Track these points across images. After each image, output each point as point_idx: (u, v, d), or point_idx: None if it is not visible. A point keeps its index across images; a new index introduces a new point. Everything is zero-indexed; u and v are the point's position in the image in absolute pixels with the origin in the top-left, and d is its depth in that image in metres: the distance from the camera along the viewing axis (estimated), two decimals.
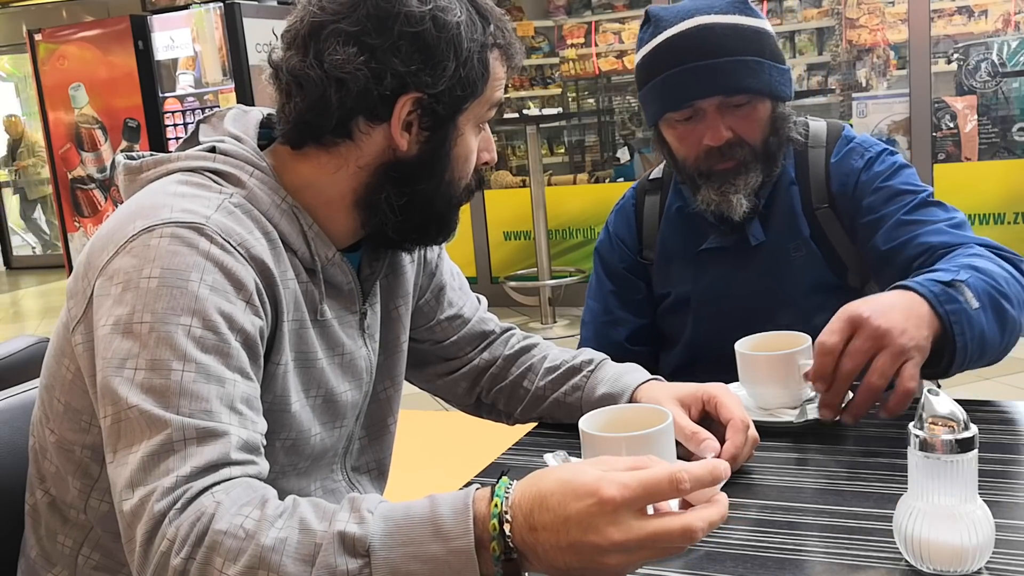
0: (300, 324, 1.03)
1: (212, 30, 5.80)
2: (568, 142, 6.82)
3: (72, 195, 6.59)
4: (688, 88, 1.42)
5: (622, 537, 0.72)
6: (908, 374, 1.09)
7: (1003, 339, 1.22)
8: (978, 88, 5.06)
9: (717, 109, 1.42)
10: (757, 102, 1.44)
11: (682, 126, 1.46)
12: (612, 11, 6.43)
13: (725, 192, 1.44)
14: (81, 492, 1.01)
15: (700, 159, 1.46)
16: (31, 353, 1.29)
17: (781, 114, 1.47)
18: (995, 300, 1.20)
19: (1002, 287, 1.22)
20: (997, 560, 0.84)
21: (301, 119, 1.01)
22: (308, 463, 1.09)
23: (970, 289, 1.17)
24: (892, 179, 1.46)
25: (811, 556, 0.89)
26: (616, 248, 1.65)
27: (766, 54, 1.43)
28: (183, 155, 1.02)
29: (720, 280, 1.54)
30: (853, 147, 1.51)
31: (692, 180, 1.49)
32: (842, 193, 1.49)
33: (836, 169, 1.51)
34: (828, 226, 1.50)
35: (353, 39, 0.97)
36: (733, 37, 1.41)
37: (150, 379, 0.84)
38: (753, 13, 1.45)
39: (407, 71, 0.98)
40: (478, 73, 1.02)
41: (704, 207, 1.48)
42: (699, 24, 1.41)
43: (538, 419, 1.32)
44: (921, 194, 1.43)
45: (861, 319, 1.11)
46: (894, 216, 1.41)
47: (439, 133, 1.03)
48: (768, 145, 1.46)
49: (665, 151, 1.53)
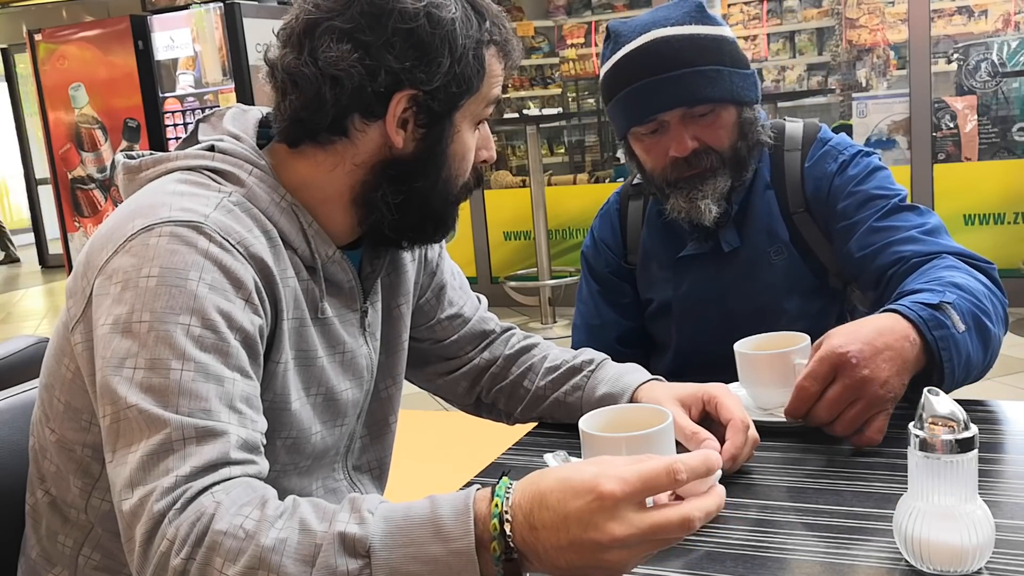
0: (300, 322, 1.03)
1: (212, 30, 5.80)
2: (568, 142, 6.82)
3: (72, 195, 6.59)
4: (650, 102, 1.42)
5: (623, 532, 0.72)
6: (876, 427, 1.10)
7: (985, 358, 1.22)
8: (978, 88, 5.06)
9: (680, 120, 1.43)
10: (720, 110, 1.43)
11: (648, 139, 1.47)
12: (612, 11, 6.43)
13: (693, 199, 1.44)
14: (82, 492, 1.01)
15: (667, 169, 1.46)
16: (31, 353, 1.29)
17: (748, 119, 1.46)
18: (978, 319, 1.20)
19: (983, 304, 1.22)
20: (997, 560, 0.84)
21: (297, 117, 1.01)
22: (309, 462, 1.09)
23: (956, 311, 1.17)
24: (865, 183, 1.45)
25: (811, 556, 0.89)
26: (601, 252, 1.65)
27: (726, 61, 1.43)
28: (182, 154, 1.02)
29: (698, 287, 1.54)
30: (827, 150, 1.51)
31: (661, 190, 1.49)
32: (816, 197, 1.49)
33: (810, 173, 1.50)
34: (806, 230, 1.50)
35: (347, 36, 0.97)
36: (690, 48, 1.41)
37: (149, 378, 0.84)
38: (710, 21, 1.45)
39: (401, 68, 0.98)
40: (473, 70, 1.02)
41: (675, 215, 1.48)
42: (656, 38, 1.42)
43: (538, 419, 1.32)
44: (894, 199, 1.42)
45: (845, 363, 1.08)
46: (867, 222, 1.41)
47: (435, 130, 1.03)
48: (737, 150, 1.46)
49: (635, 163, 1.54)
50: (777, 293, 1.51)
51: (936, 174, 4.92)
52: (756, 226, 1.51)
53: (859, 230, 1.41)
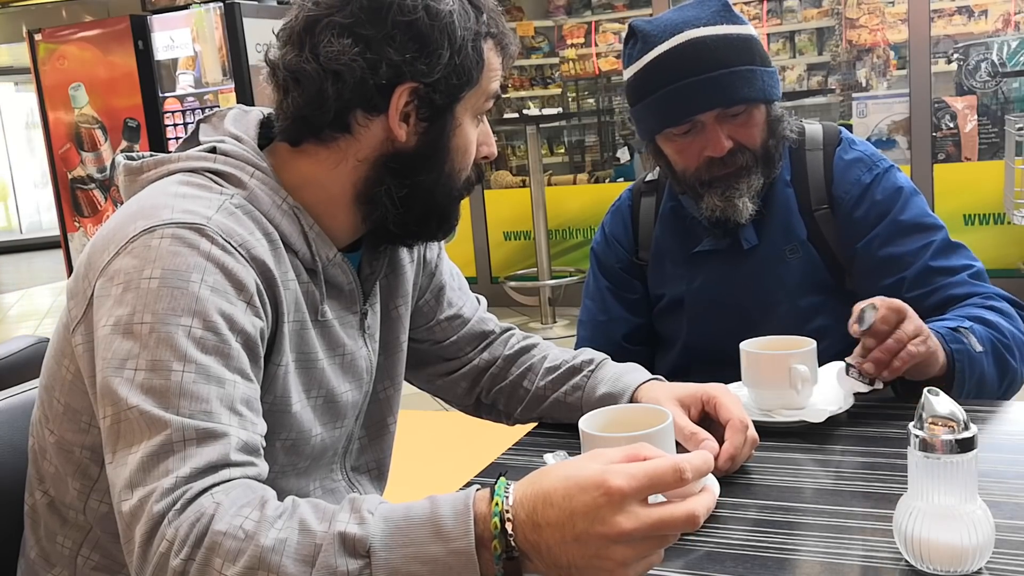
0: (301, 325, 1.03)
1: (212, 30, 5.80)
2: (568, 142, 6.82)
3: (72, 195, 6.58)
4: (687, 103, 1.42)
5: (631, 525, 0.72)
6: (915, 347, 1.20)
7: (1001, 384, 1.33)
8: (978, 88, 5.06)
9: (716, 120, 1.43)
10: (753, 109, 1.45)
11: (681, 139, 1.47)
12: (612, 11, 6.43)
13: (730, 197, 1.45)
14: (80, 493, 1.01)
15: (701, 169, 1.46)
16: (31, 353, 1.29)
17: (776, 116, 1.48)
18: (997, 349, 1.32)
19: (1006, 339, 1.33)
20: (997, 560, 0.84)
21: (299, 114, 1.01)
22: (308, 463, 1.09)
23: (974, 335, 1.29)
24: (906, 210, 1.47)
25: (811, 556, 0.89)
26: (612, 248, 1.65)
27: (756, 61, 1.44)
28: (183, 155, 1.03)
29: (713, 282, 1.54)
30: (861, 157, 1.52)
31: (693, 189, 1.49)
32: (845, 200, 1.49)
33: (841, 174, 1.51)
34: (826, 228, 1.50)
35: (347, 31, 0.97)
36: (725, 48, 1.42)
37: (150, 380, 0.84)
38: (738, 20, 1.45)
39: (402, 60, 0.98)
40: (473, 61, 1.02)
41: (708, 214, 1.48)
42: (690, 39, 1.42)
43: (538, 419, 1.32)
44: (940, 232, 1.46)
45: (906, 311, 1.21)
46: (920, 259, 1.43)
47: (437, 124, 1.03)
48: (768, 148, 1.47)
49: (662, 163, 1.54)
50: (791, 291, 1.51)
51: (936, 174, 4.92)
52: (774, 223, 1.51)
53: (912, 266, 1.43)
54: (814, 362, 1.23)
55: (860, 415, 1.25)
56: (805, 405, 1.24)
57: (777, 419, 1.22)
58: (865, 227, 1.47)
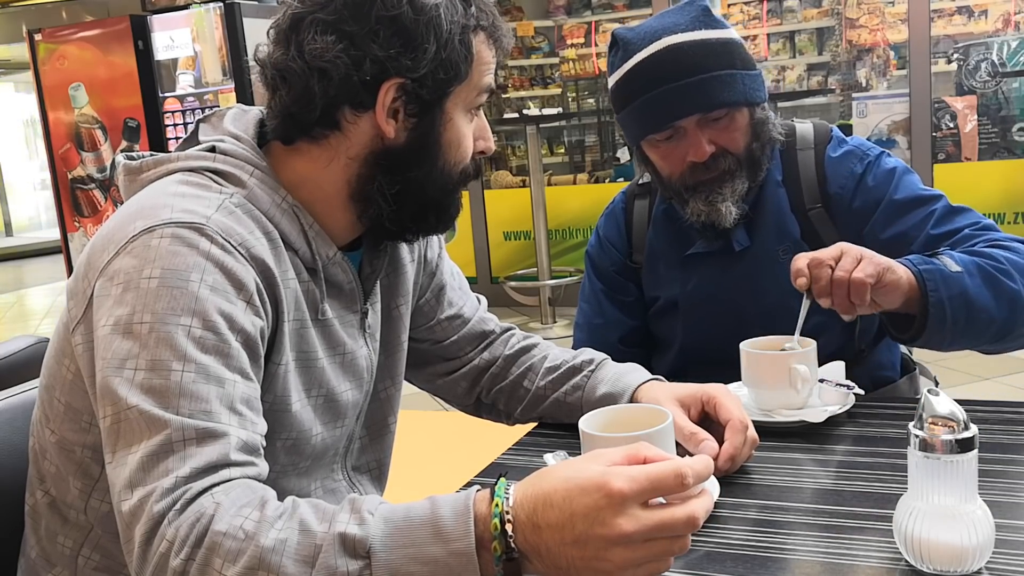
0: (301, 324, 1.03)
1: (212, 30, 5.80)
2: (568, 142, 6.82)
3: (72, 195, 6.58)
4: (667, 109, 1.42)
5: (632, 527, 0.72)
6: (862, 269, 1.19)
7: (999, 306, 1.26)
8: (978, 88, 5.06)
9: (697, 126, 1.43)
10: (735, 113, 1.44)
11: (664, 145, 1.47)
12: (612, 11, 6.43)
13: (713, 202, 1.45)
14: (81, 493, 1.01)
15: (685, 174, 1.47)
16: (31, 353, 1.29)
17: (760, 119, 1.47)
18: (985, 270, 1.26)
19: (1000, 264, 1.28)
20: (997, 560, 0.84)
21: (287, 112, 1.02)
22: (308, 463, 1.09)
23: (950, 258, 1.25)
24: (903, 188, 1.46)
25: (811, 556, 0.89)
26: (606, 251, 1.66)
27: (737, 64, 1.43)
28: (183, 155, 1.03)
29: (706, 284, 1.54)
30: (851, 150, 1.51)
31: (679, 194, 1.50)
32: (840, 196, 1.49)
33: (833, 170, 1.50)
34: (821, 226, 1.50)
35: (331, 27, 0.98)
36: (703, 54, 1.41)
37: (150, 379, 0.84)
38: (718, 24, 1.45)
39: (386, 56, 0.98)
40: (461, 55, 1.02)
41: (694, 218, 1.48)
42: (668, 45, 1.42)
43: (538, 419, 1.32)
44: (940, 201, 1.44)
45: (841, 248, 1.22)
46: (923, 230, 1.41)
47: (426, 119, 1.03)
48: (751, 151, 1.47)
49: (649, 169, 1.54)
50: (785, 292, 1.51)
51: (936, 174, 4.92)
52: (766, 224, 1.51)
53: (916, 240, 1.41)
54: (814, 362, 1.23)
55: (860, 415, 1.25)
56: (805, 405, 1.24)
57: (777, 419, 1.23)
58: (865, 215, 1.47)
